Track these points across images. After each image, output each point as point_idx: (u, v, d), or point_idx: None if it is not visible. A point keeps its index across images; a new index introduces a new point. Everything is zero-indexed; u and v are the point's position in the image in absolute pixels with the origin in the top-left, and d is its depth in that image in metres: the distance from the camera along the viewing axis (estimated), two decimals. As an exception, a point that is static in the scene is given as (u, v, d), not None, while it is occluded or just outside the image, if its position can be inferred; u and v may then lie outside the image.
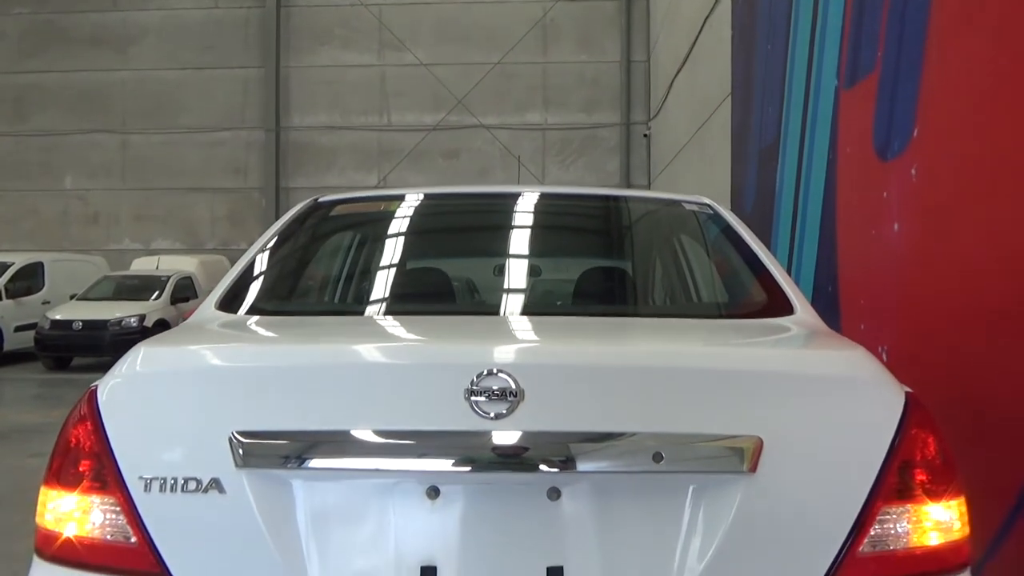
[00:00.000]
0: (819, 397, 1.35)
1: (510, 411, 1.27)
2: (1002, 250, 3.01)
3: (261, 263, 2.02)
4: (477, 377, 1.28)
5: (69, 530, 1.36)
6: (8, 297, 12.26)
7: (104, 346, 10.91)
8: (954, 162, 3.41)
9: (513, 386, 1.28)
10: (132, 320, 11.51)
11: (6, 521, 4.33)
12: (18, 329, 12.15)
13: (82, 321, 11.30)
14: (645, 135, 16.62)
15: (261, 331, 1.72)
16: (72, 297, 12.55)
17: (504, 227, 2.18)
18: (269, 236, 2.13)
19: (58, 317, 11.51)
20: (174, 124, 17.65)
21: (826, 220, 5.00)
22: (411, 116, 17.52)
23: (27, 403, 8.90)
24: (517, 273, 2.09)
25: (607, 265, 2.22)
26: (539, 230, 2.19)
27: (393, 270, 2.05)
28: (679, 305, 2.02)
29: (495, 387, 1.28)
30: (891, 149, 4.07)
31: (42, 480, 1.42)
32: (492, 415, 1.27)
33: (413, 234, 2.21)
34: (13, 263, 12.72)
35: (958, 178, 3.39)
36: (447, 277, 2.12)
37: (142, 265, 14.82)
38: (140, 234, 17.66)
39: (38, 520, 1.40)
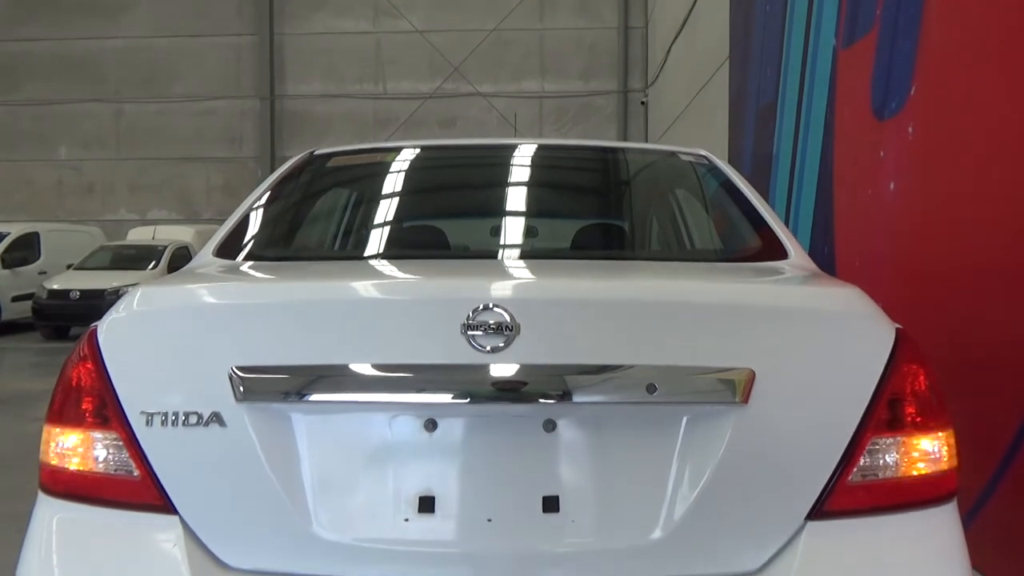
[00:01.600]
0: (811, 331, 1.37)
1: (506, 345, 1.29)
2: (998, 208, 3.02)
3: (258, 212, 2.02)
4: (473, 312, 1.30)
5: (73, 466, 1.38)
6: (4, 267, 12.25)
7: (102, 315, 10.83)
8: (952, 120, 3.41)
9: (509, 320, 1.29)
10: (129, 289, 11.49)
11: (10, 483, 4.38)
12: (15, 299, 12.16)
13: (80, 290, 11.30)
14: (642, 102, 16.51)
15: (259, 273, 1.74)
16: (69, 267, 12.54)
17: (501, 183, 2.18)
18: (266, 187, 2.14)
19: (55, 287, 11.51)
20: (168, 93, 17.49)
21: (823, 182, 5.00)
22: (407, 84, 17.38)
23: (26, 371, 8.94)
24: (514, 231, 2.10)
25: (606, 220, 2.23)
26: (538, 186, 2.19)
27: (388, 223, 2.06)
28: (675, 251, 2.03)
29: (491, 321, 1.29)
30: (888, 108, 4.06)
31: (44, 418, 1.44)
32: (488, 349, 1.29)
33: (409, 185, 2.21)
34: (8, 233, 12.69)
35: (955, 136, 3.39)
36: (443, 233, 2.13)
37: (138, 235, 14.79)
38: (136, 204, 17.58)
39: (42, 457, 1.42)
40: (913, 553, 1.33)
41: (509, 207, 2.09)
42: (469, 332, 1.29)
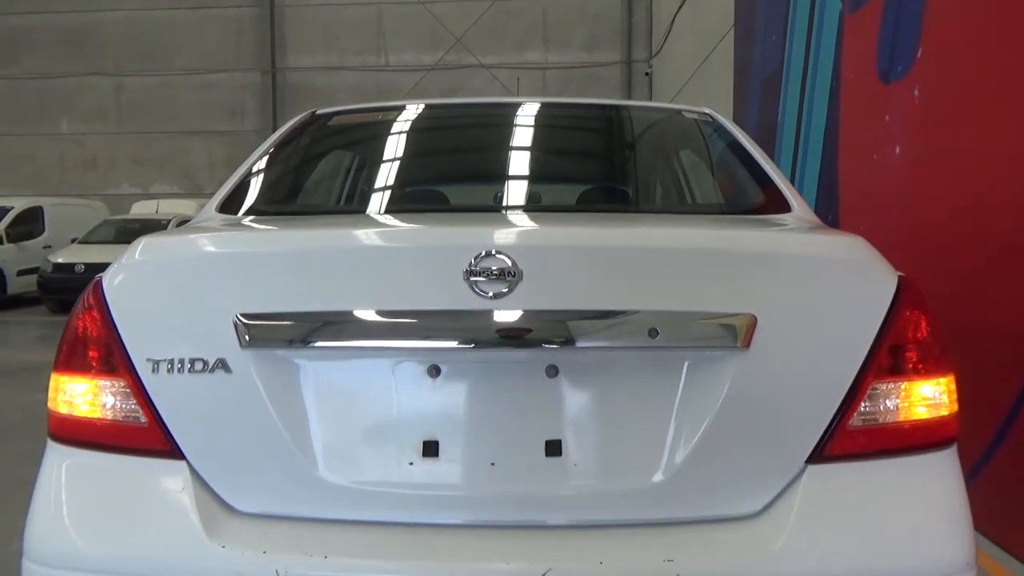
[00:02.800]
0: (813, 277, 1.37)
1: (509, 291, 1.29)
2: (1006, 170, 3.01)
3: (260, 170, 2.02)
4: (475, 259, 1.30)
5: (81, 413, 1.40)
6: (9, 241, 12.27)
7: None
8: (958, 82, 3.37)
9: (511, 266, 1.30)
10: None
11: (20, 449, 4.44)
12: (20, 273, 12.19)
13: (84, 264, 11.31)
14: (647, 73, 16.35)
15: (262, 226, 1.74)
16: (73, 241, 12.56)
17: (505, 142, 2.17)
18: (268, 145, 2.13)
19: (60, 260, 11.53)
20: (168, 66, 17.38)
21: (828, 148, 4.97)
22: (409, 56, 17.23)
23: (32, 344, 8.99)
24: (518, 189, 2.09)
25: (611, 178, 2.22)
26: (543, 145, 2.18)
27: (390, 180, 2.05)
28: (678, 206, 2.03)
29: (494, 268, 1.30)
30: (894, 71, 4.02)
31: (52, 368, 1.45)
32: (491, 295, 1.29)
33: (412, 144, 2.20)
34: (12, 207, 12.69)
35: (962, 98, 3.36)
36: (445, 192, 2.12)
37: (142, 209, 14.78)
38: (138, 179, 17.54)
39: (50, 406, 1.44)
40: (912, 496, 1.34)
41: (513, 166, 2.08)
42: (472, 278, 1.30)
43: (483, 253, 1.31)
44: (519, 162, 2.08)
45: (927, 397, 1.38)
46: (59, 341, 1.47)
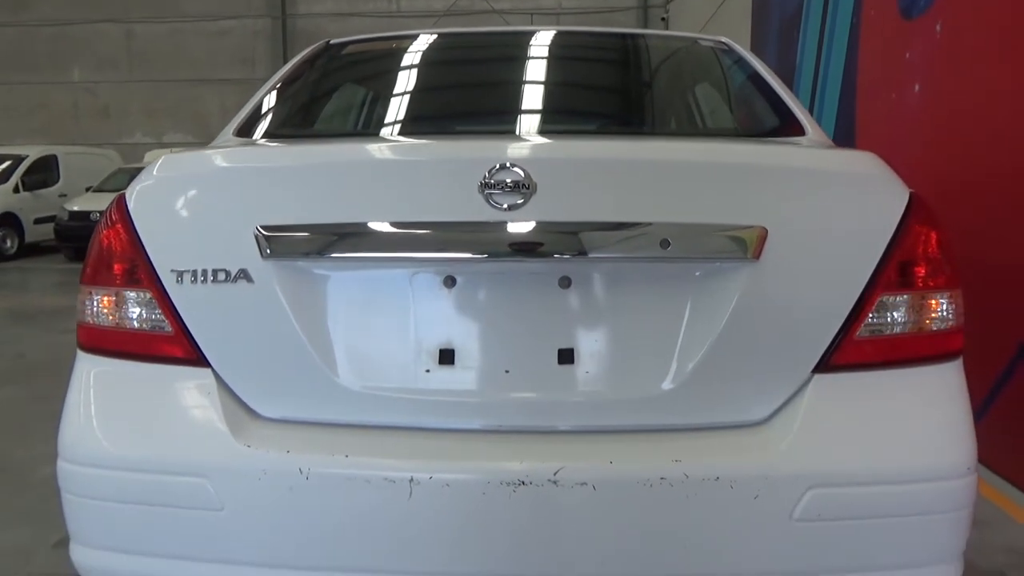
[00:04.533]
0: (824, 190, 1.38)
1: (523, 203, 1.31)
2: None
3: (276, 97, 2.04)
4: (490, 172, 1.32)
5: (109, 323, 1.44)
6: (25, 190, 12.35)
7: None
8: (982, 17, 3.30)
9: (526, 179, 1.32)
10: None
11: (46, 386, 4.56)
12: (37, 221, 12.30)
13: (99, 212, 11.30)
14: (663, 19, 16.02)
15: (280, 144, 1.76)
16: (88, 190, 12.62)
17: (518, 73, 2.15)
18: (283, 73, 2.14)
19: (76, 208, 11.62)
20: (178, 12, 17.18)
21: (846, 90, 4.89)
22: (421, 2, 16.94)
23: (52, 289, 9.12)
24: (531, 119, 2.09)
25: (625, 108, 2.21)
26: (560, 74, 2.16)
27: (405, 107, 2.06)
28: (692, 129, 2.03)
29: (508, 180, 1.32)
30: (916, 7, 3.93)
31: (79, 280, 1.50)
32: (506, 206, 1.31)
33: (425, 73, 2.20)
34: (27, 156, 12.74)
35: (985, 33, 3.29)
36: (460, 119, 2.12)
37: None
38: (151, 128, 17.50)
39: (78, 317, 1.48)
40: (916, 405, 1.37)
41: (528, 94, 2.08)
42: (487, 191, 1.32)
43: (497, 166, 1.32)
44: (534, 90, 2.07)
45: (934, 310, 1.40)
46: (85, 257, 1.51)
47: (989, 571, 2.37)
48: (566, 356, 1.37)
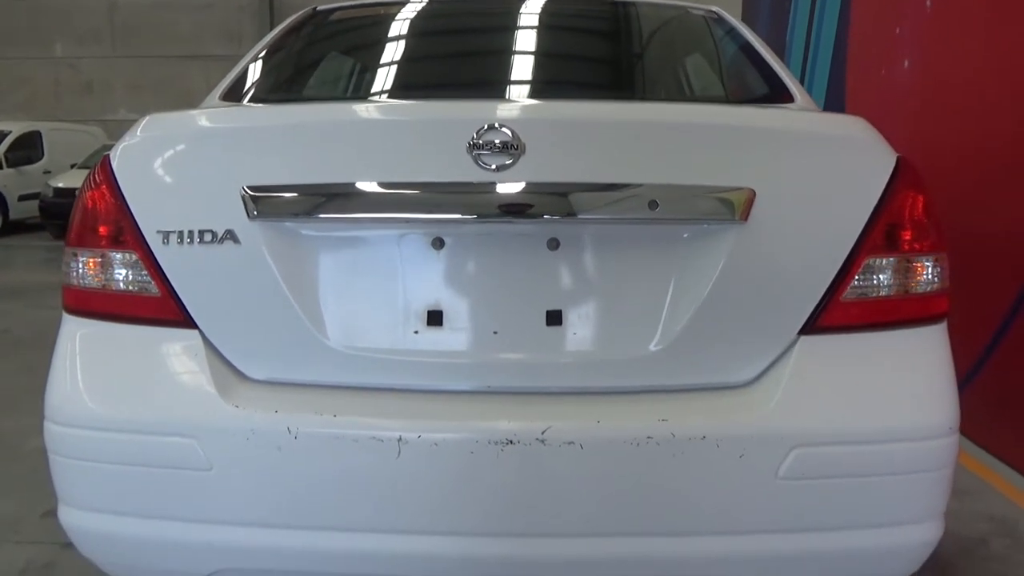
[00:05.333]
0: (812, 153, 1.39)
1: (512, 163, 1.31)
2: (1016, 83, 2.97)
3: (263, 62, 2.01)
4: (478, 132, 1.32)
5: (95, 285, 1.43)
6: (9, 166, 12.20)
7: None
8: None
9: (514, 140, 1.31)
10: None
11: (32, 359, 4.54)
12: (22, 199, 12.16)
13: (85, 189, 11.27)
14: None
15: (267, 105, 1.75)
16: (73, 167, 12.48)
17: (508, 39, 2.13)
18: (270, 39, 2.12)
19: (61, 185, 11.48)
20: (162, -15, 16.91)
21: (836, 65, 4.89)
22: (409, -23, 16.70)
23: (38, 266, 9.04)
24: (520, 85, 2.08)
25: (614, 74, 2.20)
26: (548, 44, 2.15)
27: (393, 72, 2.04)
28: (681, 95, 2.03)
29: (497, 140, 1.31)
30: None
31: (64, 242, 1.49)
32: (494, 167, 1.31)
33: (413, 41, 2.18)
34: (10, 131, 12.57)
35: (977, 4, 3.29)
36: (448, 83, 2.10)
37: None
38: (136, 104, 17.23)
39: (64, 280, 1.47)
40: (901, 366, 1.39)
41: (517, 60, 2.06)
42: (475, 151, 1.31)
43: (486, 127, 1.32)
44: (523, 57, 2.06)
45: (919, 274, 1.41)
46: (69, 219, 1.50)
47: (971, 538, 2.41)
48: (554, 318, 1.38)
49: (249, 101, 1.81)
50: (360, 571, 1.36)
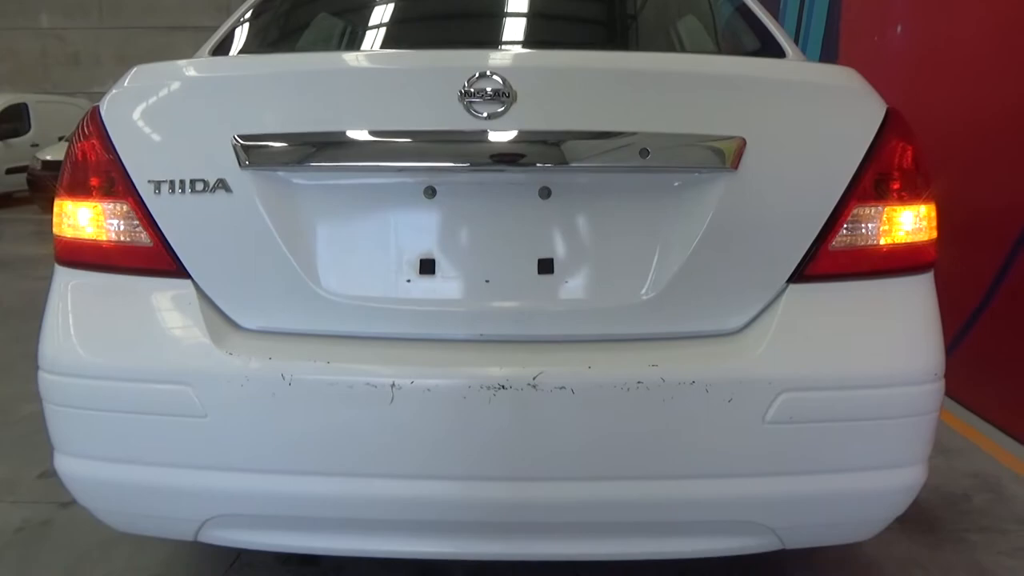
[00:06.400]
0: (803, 103, 1.39)
1: (504, 111, 1.31)
2: (1008, 52, 2.97)
3: (252, 21, 2.00)
4: (469, 81, 1.32)
5: (87, 236, 1.43)
6: (-5, 139, 12.07)
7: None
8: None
9: (506, 87, 1.31)
10: None
11: (25, 328, 4.52)
12: (10, 171, 12.04)
13: (73, 162, 11.16)
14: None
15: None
16: (60, 139, 12.34)
17: (502, 3, 2.12)
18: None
19: (49, 158, 11.35)
20: (149, -46, 16.62)
21: (829, 33, 4.87)
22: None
23: (27, 239, 8.98)
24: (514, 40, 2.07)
25: (608, 29, 2.19)
26: (542, 8, 2.13)
27: (384, 27, 2.03)
28: (675, 48, 2.03)
29: (488, 88, 1.31)
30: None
31: (55, 195, 1.48)
32: (486, 115, 1.31)
33: (401, 2, 2.16)
34: (-5, 104, 12.42)
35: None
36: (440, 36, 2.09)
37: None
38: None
39: (56, 231, 1.47)
40: (888, 314, 1.40)
41: (510, 17, 2.05)
42: (467, 99, 1.31)
43: (477, 75, 1.32)
44: (516, 8, 2.05)
45: (907, 223, 1.42)
46: (60, 172, 1.49)
47: (954, 493, 2.46)
48: (546, 266, 1.38)
49: (239, 54, 1.80)
50: (354, 515, 1.38)
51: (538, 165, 1.33)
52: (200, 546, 2.12)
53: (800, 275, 1.39)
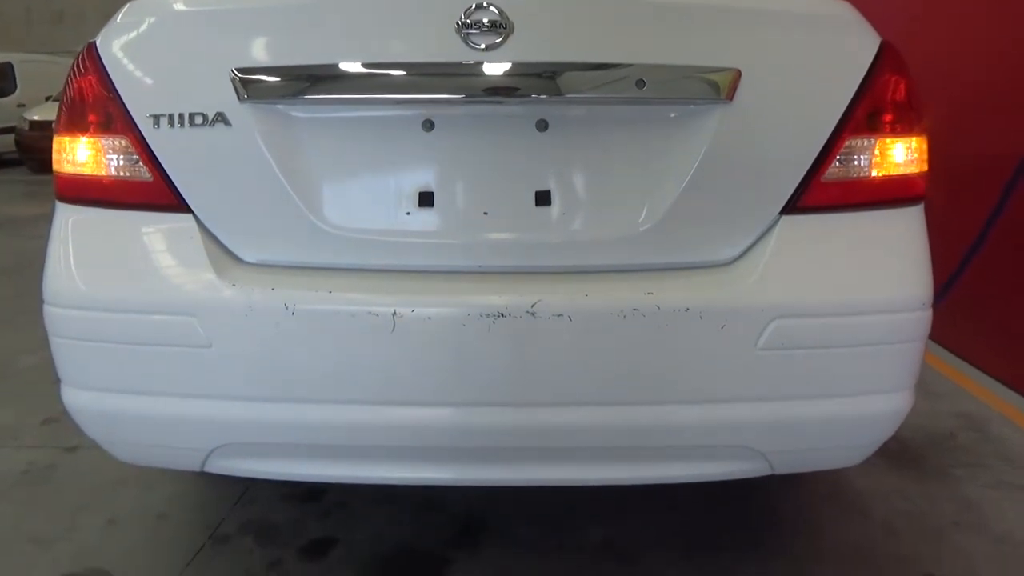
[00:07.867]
0: (798, 34, 1.40)
1: (501, 42, 1.32)
2: (1001, 27, 2.96)
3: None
4: (466, 12, 1.32)
5: (87, 171, 1.44)
6: (-19, 99, 11.91)
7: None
8: None
9: (502, 18, 1.32)
10: None
11: (21, 286, 4.55)
12: (-3, 133, 11.92)
13: (62, 122, 11.02)
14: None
15: None
16: (48, 99, 12.18)
17: None
18: None
19: (36, 118, 11.25)
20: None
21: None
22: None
23: (19, 199, 8.92)
24: None
25: None
26: None
27: None
28: None
29: (485, 20, 1.32)
30: None
31: (54, 132, 1.49)
32: (483, 46, 1.32)
33: None
34: (-19, 63, 12.23)
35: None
36: None
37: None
38: (110, 36, 16.75)
39: (56, 168, 1.48)
40: (878, 244, 1.43)
41: None
42: (464, 31, 1.32)
43: (474, 6, 1.32)
44: None
45: (899, 156, 1.44)
46: (58, 108, 1.49)
47: (940, 433, 2.52)
48: (543, 198, 1.40)
49: None
50: (356, 442, 1.42)
51: (534, 97, 1.34)
52: (205, 485, 2.18)
53: (793, 207, 1.41)
